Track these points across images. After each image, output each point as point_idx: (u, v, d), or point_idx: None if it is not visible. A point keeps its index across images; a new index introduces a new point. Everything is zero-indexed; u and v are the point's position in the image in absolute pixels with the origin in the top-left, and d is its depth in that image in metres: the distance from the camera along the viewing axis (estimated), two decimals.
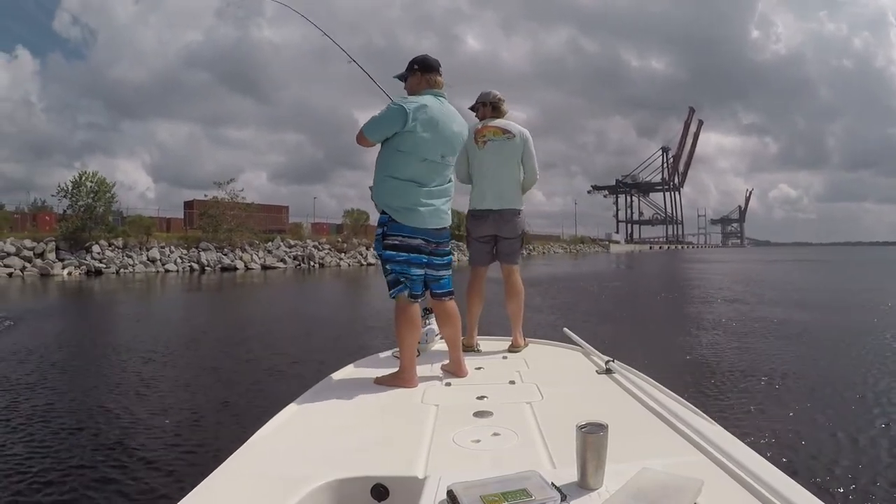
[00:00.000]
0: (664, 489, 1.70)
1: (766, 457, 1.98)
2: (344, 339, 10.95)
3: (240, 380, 7.45)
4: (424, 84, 3.67)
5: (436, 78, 3.67)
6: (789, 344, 9.94)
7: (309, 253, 46.84)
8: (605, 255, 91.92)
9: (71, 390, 6.97)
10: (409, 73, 3.71)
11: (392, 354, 4.09)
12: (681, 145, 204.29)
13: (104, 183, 40.08)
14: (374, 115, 3.54)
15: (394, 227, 3.51)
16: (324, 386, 3.36)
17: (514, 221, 4.53)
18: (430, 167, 3.54)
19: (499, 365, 3.95)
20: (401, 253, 3.51)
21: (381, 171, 3.55)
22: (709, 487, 1.72)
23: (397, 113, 3.44)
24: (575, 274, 36.37)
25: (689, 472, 1.79)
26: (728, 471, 1.92)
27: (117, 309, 18.55)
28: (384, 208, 3.53)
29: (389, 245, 3.52)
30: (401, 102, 3.48)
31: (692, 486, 1.70)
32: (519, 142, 4.49)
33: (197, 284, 29.52)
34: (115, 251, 37.69)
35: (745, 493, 1.78)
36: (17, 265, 33.81)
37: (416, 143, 3.47)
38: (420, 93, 3.62)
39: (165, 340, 10.69)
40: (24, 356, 8.92)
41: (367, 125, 3.52)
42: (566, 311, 14.85)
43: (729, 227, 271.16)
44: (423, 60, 3.69)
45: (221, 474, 2.09)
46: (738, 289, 21.58)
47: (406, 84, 3.76)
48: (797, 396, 6.40)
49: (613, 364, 3.44)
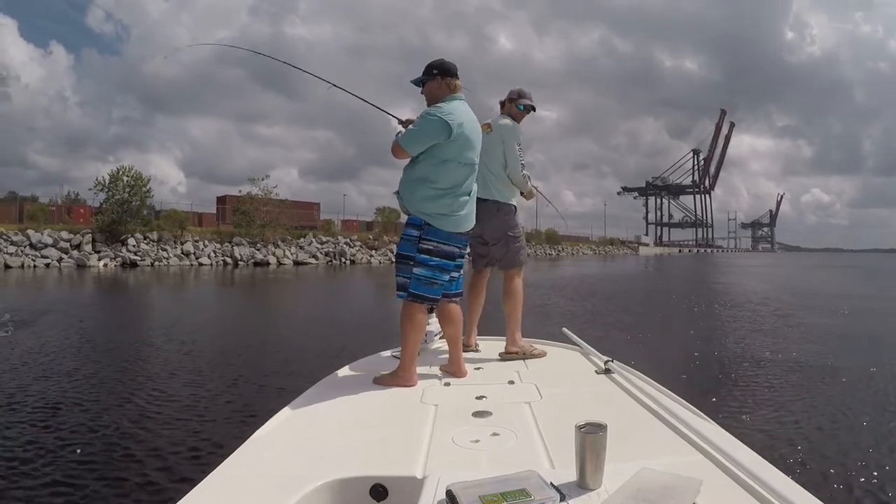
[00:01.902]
0: (663, 489, 1.71)
1: (766, 457, 2.00)
2: (370, 328, 11.01)
3: (253, 377, 7.43)
4: (445, 88, 3.66)
5: (455, 82, 3.68)
6: (805, 345, 9.90)
7: (340, 249, 47.28)
8: (634, 258, 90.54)
9: (80, 382, 6.97)
10: (428, 78, 3.69)
11: (392, 354, 4.11)
12: (712, 148, 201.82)
13: (140, 177, 40.83)
14: (411, 128, 3.56)
15: (430, 232, 3.54)
16: (323, 386, 3.38)
17: (495, 216, 4.40)
18: (467, 171, 3.61)
19: (498, 365, 3.97)
20: (433, 258, 3.54)
21: (418, 179, 3.56)
22: (708, 487, 1.73)
23: (440, 126, 3.46)
24: (607, 277, 36.17)
25: (688, 472, 1.81)
26: (727, 471, 1.93)
27: (150, 301, 19.05)
28: (420, 215, 3.55)
29: (424, 249, 3.53)
30: (439, 115, 3.49)
31: (691, 486, 1.72)
32: (496, 135, 4.39)
33: (230, 278, 29.95)
34: (149, 244, 38.35)
35: (744, 494, 1.79)
36: (54, 256, 34.56)
37: (458, 152, 3.52)
38: (444, 99, 3.63)
39: (191, 332, 10.84)
40: (40, 349, 8.96)
41: (407, 138, 3.53)
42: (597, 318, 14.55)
43: (759, 232, 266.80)
44: (441, 65, 3.68)
45: (220, 474, 2.11)
46: (768, 297, 21.29)
47: (423, 89, 3.75)
48: (797, 396, 6.43)
49: (612, 364, 3.46)
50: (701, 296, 20.64)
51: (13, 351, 8.64)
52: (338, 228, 50.88)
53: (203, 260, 39.38)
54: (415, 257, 3.55)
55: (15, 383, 6.84)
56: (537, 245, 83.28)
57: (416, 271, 3.53)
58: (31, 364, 7.80)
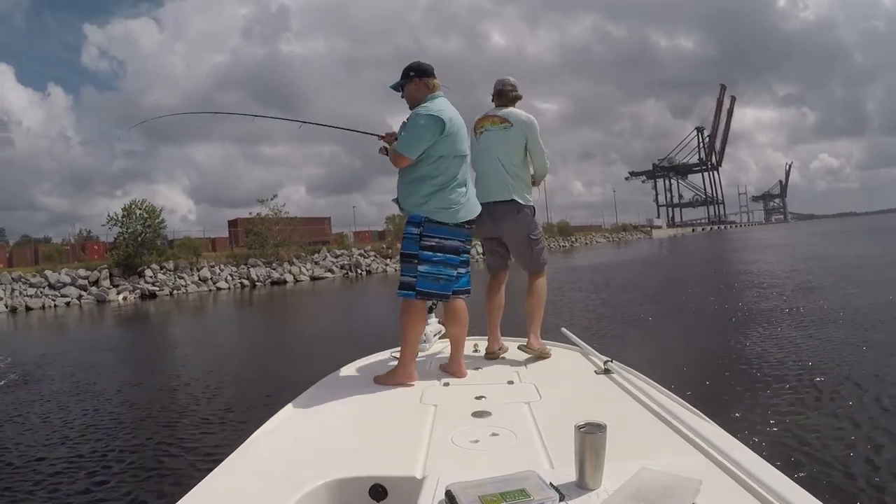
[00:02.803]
0: (663, 489, 1.71)
1: (765, 457, 2.00)
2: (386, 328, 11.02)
3: (264, 380, 7.58)
4: (424, 89, 3.70)
5: (434, 81, 3.72)
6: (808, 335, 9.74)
7: (355, 261, 47.37)
8: (648, 241, 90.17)
9: (93, 397, 7.22)
10: (407, 81, 3.74)
11: (391, 355, 4.11)
12: (715, 124, 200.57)
13: (153, 210, 41.17)
14: (406, 133, 3.59)
15: (431, 229, 3.57)
16: (322, 386, 3.40)
17: (515, 219, 4.22)
18: (461, 163, 3.65)
19: (497, 365, 3.94)
20: (437, 254, 3.57)
21: (416, 179, 3.61)
22: (707, 487, 1.73)
23: (433, 123, 3.51)
24: (615, 265, 36.09)
25: (687, 473, 1.81)
26: (727, 471, 1.93)
27: (174, 328, 19.27)
28: (421, 212, 3.58)
29: (426, 246, 3.56)
30: (428, 113, 3.55)
31: (691, 486, 1.72)
32: (517, 131, 4.21)
33: (249, 299, 30.30)
34: (166, 273, 38.56)
35: (744, 494, 1.79)
36: (73, 294, 34.76)
37: (451, 146, 3.58)
38: (426, 98, 3.68)
39: (210, 349, 11.33)
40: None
41: (405, 144, 3.57)
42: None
43: (771, 204, 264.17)
44: (418, 67, 3.72)
45: (220, 473, 2.12)
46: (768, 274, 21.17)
47: (403, 92, 3.80)
48: (800, 396, 6.35)
49: (612, 364, 3.43)
50: (708, 281, 20.61)
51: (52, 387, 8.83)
52: (350, 241, 51.02)
53: (220, 284, 39.61)
54: (419, 255, 3.57)
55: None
56: (550, 238, 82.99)
57: (422, 269, 3.56)
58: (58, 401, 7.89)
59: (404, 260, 3.64)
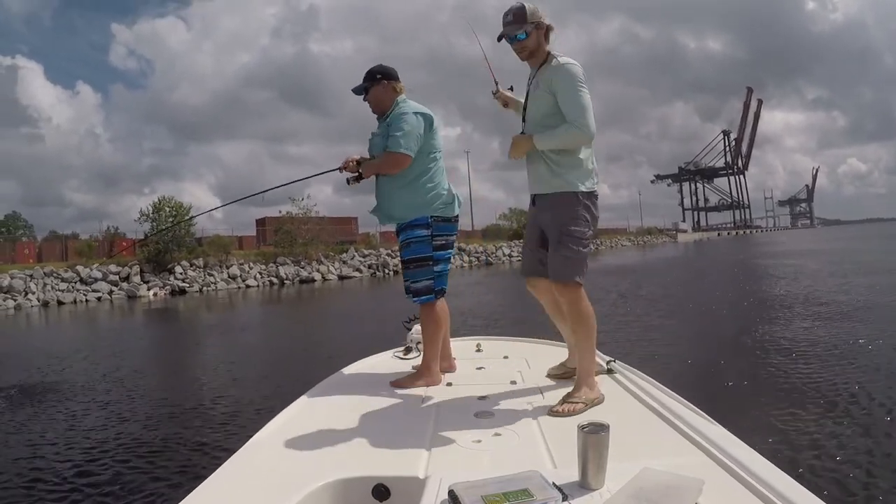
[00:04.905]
0: (665, 489, 1.71)
1: (768, 457, 2.01)
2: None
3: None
4: (391, 92, 3.65)
5: (399, 85, 3.68)
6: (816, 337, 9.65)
7: (383, 261, 47.75)
8: (673, 245, 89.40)
9: (103, 395, 7.33)
10: (372, 84, 3.65)
11: (394, 355, 4.16)
12: (742, 127, 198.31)
13: (181, 207, 41.91)
14: (399, 134, 3.47)
15: (439, 228, 3.60)
16: (325, 386, 3.39)
17: (552, 212, 3.18)
18: (441, 157, 3.68)
19: (500, 365, 3.89)
20: (447, 251, 3.63)
21: (413, 180, 3.57)
22: (710, 487, 1.73)
23: (423, 119, 3.53)
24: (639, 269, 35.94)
25: (690, 472, 1.82)
26: (729, 471, 1.93)
27: (198, 326, 19.49)
28: (426, 213, 3.57)
29: (437, 245, 3.58)
30: (416, 110, 3.55)
31: (693, 486, 1.72)
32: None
33: (278, 297, 30.68)
34: (196, 270, 39.12)
35: (746, 493, 1.79)
36: (104, 290, 35.38)
37: (435, 142, 3.63)
38: (397, 101, 3.66)
39: (235, 348, 11.47)
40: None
41: (405, 143, 3.46)
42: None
43: (797, 208, 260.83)
44: (384, 70, 3.66)
45: (223, 474, 2.12)
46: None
47: (367, 96, 3.70)
48: (801, 396, 6.33)
49: (615, 364, 3.42)
50: (726, 285, 20.38)
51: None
52: (377, 241, 51.30)
53: (250, 282, 40.02)
54: (433, 256, 3.58)
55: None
56: None
57: (437, 269, 3.59)
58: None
59: (418, 265, 3.60)
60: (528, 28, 3.15)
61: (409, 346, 4.27)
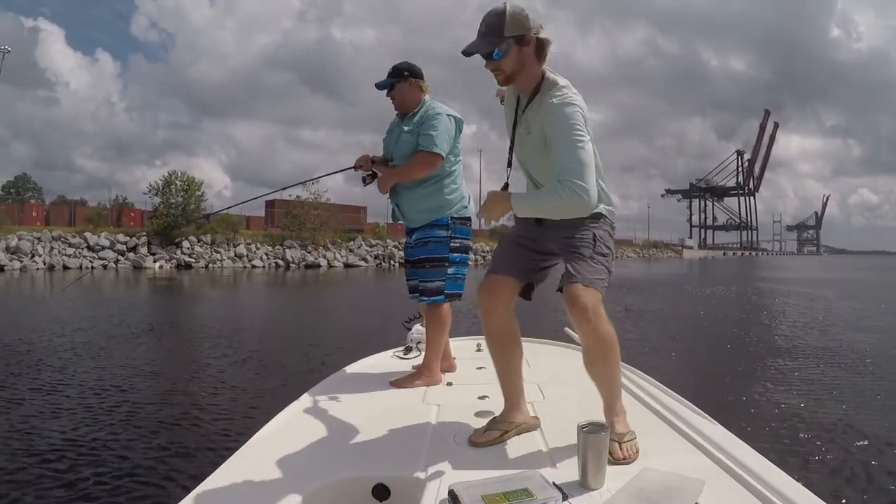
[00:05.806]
0: (665, 489, 1.73)
1: (768, 457, 2.03)
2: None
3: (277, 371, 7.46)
4: (417, 90, 3.59)
5: (426, 84, 3.63)
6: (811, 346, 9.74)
7: (389, 252, 47.81)
8: (678, 261, 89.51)
9: (98, 376, 7.04)
10: (399, 81, 3.57)
11: (394, 354, 4.14)
12: (756, 148, 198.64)
13: (193, 182, 41.70)
14: (433, 133, 3.41)
15: (458, 231, 3.57)
16: (325, 386, 3.37)
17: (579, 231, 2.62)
18: (461, 161, 3.67)
19: None
20: (463, 254, 3.59)
21: (436, 181, 3.54)
22: (710, 487, 1.75)
23: (454, 122, 3.50)
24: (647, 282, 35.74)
25: (690, 473, 1.84)
26: (729, 471, 1.94)
27: (201, 303, 19.26)
28: (447, 214, 3.54)
29: (454, 248, 3.55)
30: (448, 112, 3.50)
31: (693, 486, 1.74)
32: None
33: (282, 280, 30.39)
34: (203, 246, 39.08)
35: (746, 494, 1.80)
36: (110, 258, 35.54)
37: (460, 146, 3.61)
38: (424, 100, 3.60)
39: (240, 330, 11.19)
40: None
41: (439, 142, 3.41)
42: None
43: (805, 235, 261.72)
44: (412, 68, 3.59)
45: (223, 473, 2.11)
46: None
47: (392, 91, 3.62)
48: (801, 397, 6.35)
49: None
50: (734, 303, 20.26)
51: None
52: (385, 231, 51.32)
53: (256, 262, 39.99)
54: (448, 258, 3.53)
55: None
56: None
57: (451, 271, 3.54)
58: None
59: (433, 265, 3.53)
60: (504, 45, 2.28)
61: (409, 346, 4.25)
